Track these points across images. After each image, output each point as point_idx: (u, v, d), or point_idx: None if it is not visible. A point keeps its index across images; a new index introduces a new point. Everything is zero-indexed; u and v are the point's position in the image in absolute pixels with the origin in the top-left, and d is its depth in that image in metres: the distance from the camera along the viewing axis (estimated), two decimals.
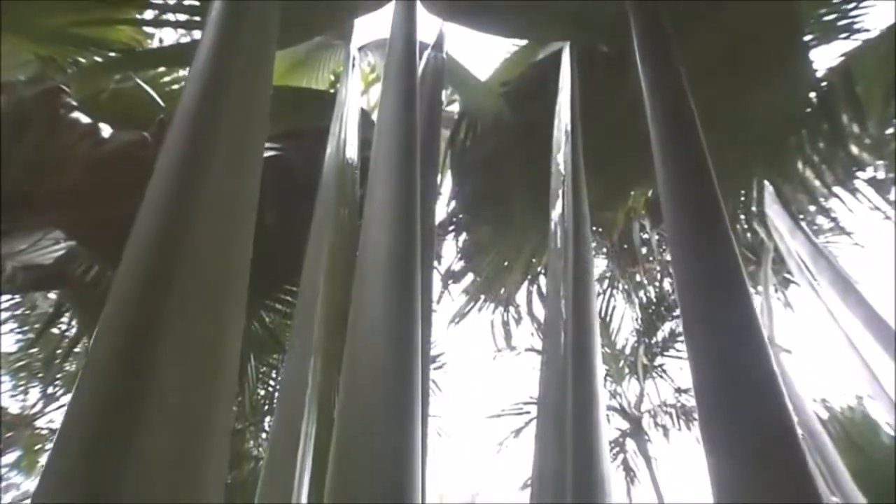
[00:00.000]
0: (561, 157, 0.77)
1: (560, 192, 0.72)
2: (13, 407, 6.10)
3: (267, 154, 2.03)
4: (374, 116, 1.06)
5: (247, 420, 3.56)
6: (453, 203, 2.72)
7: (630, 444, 8.44)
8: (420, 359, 0.52)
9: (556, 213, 0.71)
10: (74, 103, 1.60)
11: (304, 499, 0.49)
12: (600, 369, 0.59)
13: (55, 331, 3.18)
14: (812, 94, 2.26)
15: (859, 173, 2.63)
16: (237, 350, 0.43)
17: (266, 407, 3.35)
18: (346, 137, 0.87)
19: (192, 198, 0.46)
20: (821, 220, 4.31)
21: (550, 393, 0.62)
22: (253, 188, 0.52)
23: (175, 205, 0.46)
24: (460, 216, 2.76)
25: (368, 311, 0.51)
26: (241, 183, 0.51)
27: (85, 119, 1.64)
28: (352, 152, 0.91)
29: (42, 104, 1.51)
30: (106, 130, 1.69)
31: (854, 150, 2.37)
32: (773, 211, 3.25)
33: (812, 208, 3.29)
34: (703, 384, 0.54)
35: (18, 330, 4.39)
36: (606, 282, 5.82)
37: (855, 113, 2.26)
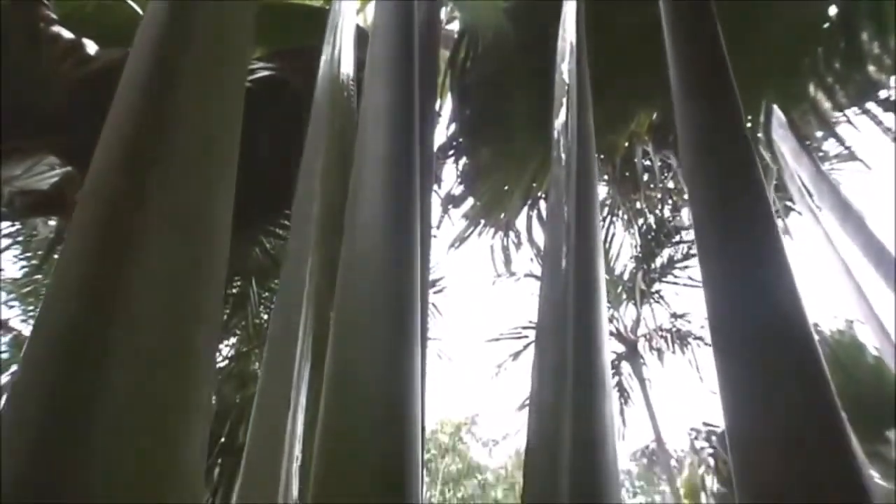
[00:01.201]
0: (565, 67, 0.73)
1: (564, 101, 0.70)
2: (26, 330, 6.28)
3: (260, 74, 1.96)
4: None
5: (251, 342, 3.67)
6: (453, 126, 2.66)
7: (625, 366, 8.76)
8: (419, 276, 0.52)
9: (559, 122, 0.69)
10: (55, 16, 1.52)
11: (303, 393, 0.50)
12: (602, 279, 0.58)
13: (58, 256, 3.21)
14: (832, 9, 2.15)
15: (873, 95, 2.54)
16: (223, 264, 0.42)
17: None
18: (341, 47, 0.83)
19: (164, 119, 0.42)
20: (827, 146, 4.22)
21: (550, 309, 0.62)
22: (237, 108, 0.48)
23: (143, 131, 0.42)
24: (460, 140, 2.70)
25: (367, 214, 0.50)
26: (222, 102, 0.47)
27: (68, 34, 1.56)
28: (347, 66, 0.87)
29: (19, 15, 1.43)
30: (91, 47, 1.62)
31: (871, 69, 2.28)
32: (779, 135, 3.18)
33: (819, 133, 3.21)
34: (717, 296, 0.52)
35: (21, 256, 4.43)
36: (606, 209, 5.80)
37: (878, 29, 2.14)
